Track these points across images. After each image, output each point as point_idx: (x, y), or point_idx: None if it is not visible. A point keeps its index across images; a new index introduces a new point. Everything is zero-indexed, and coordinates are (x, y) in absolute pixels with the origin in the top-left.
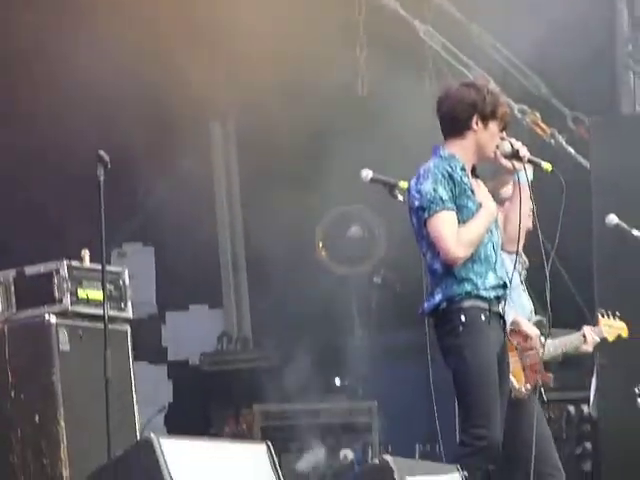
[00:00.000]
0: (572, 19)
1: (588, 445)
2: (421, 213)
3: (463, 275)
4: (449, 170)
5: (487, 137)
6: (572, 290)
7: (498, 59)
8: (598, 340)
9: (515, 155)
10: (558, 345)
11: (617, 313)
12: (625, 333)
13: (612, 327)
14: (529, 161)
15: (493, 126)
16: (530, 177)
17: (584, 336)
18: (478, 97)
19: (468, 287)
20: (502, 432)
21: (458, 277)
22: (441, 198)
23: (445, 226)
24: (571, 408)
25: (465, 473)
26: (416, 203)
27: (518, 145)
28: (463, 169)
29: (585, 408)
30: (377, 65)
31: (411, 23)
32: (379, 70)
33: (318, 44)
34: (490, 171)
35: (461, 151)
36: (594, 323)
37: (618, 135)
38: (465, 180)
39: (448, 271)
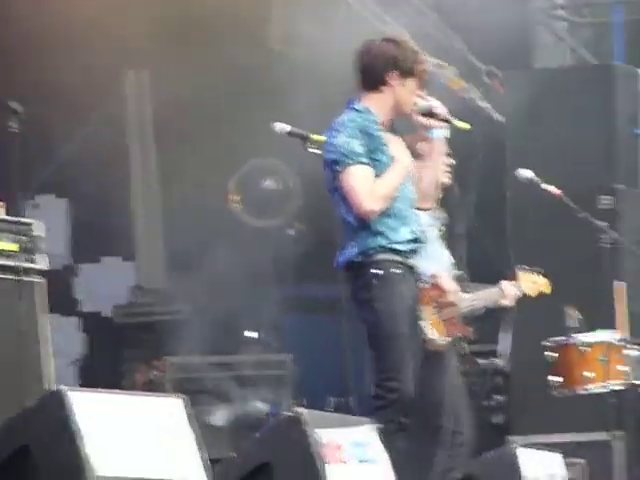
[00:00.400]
0: None
1: (499, 398)
2: (335, 167)
3: (377, 228)
4: (364, 124)
5: (405, 93)
6: (487, 244)
7: (413, 13)
8: (519, 294)
9: (431, 113)
10: (477, 299)
11: (540, 270)
12: (547, 289)
13: (535, 283)
14: (445, 119)
15: (411, 83)
16: (446, 134)
17: (502, 290)
18: (398, 53)
19: (382, 240)
20: (415, 385)
21: (372, 230)
22: (355, 152)
23: (358, 180)
24: (483, 361)
25: (378, 425)
26: (330, 156)
27: (435, 103)
28: (378, 123)
29: (497, 361)
30: (289, 17)
31: None
32: (291, 22)
33: None
34: (408, 126)
35: (377, 105)
36: (512, 279)
37: (531, 89)
38: (380, 134)
39: (362, 225)
